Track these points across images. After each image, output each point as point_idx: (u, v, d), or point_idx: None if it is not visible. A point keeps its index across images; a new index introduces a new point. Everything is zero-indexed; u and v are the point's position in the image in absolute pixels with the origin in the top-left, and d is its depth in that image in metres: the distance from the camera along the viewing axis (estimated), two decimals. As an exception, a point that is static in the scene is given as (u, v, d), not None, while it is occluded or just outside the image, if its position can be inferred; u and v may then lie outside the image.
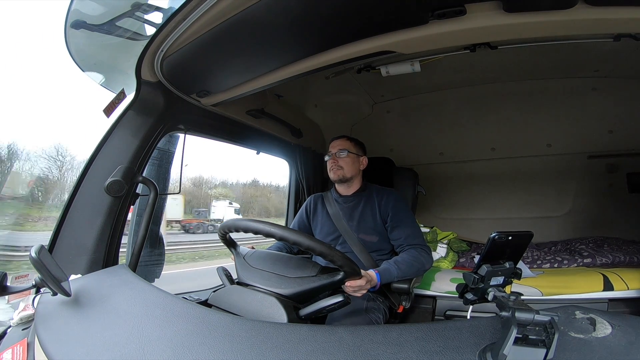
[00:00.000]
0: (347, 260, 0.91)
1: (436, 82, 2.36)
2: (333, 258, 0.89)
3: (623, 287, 1.54)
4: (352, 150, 1.55)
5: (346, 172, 1.52)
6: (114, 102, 1.18)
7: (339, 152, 1.54)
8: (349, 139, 1.59)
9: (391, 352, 0.54)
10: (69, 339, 0.69)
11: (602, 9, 0.80)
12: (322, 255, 0.88)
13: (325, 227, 1.58)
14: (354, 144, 1.58)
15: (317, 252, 0.88)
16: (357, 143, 1.59)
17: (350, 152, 1.54)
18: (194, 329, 0.66)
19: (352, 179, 1.56)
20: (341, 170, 1.52)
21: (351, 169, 1.53)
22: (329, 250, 0.89)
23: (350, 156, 1.54)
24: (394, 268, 1.25)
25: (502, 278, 0.66)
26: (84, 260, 1.09)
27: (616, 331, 0.53)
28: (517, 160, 2.55)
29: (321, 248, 0.88)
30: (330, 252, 0.89)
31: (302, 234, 0.92)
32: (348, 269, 0.92)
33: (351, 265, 0.92)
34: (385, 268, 1.25)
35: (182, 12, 0.89)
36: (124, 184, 1.16)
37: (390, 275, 1.24)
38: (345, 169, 1.52)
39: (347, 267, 0.91)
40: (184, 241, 10.26)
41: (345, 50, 1.03)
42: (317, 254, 0.89)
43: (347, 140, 1.57)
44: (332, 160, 1.54)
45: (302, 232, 0.97)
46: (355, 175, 1.56)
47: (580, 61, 2.03)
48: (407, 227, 1.43)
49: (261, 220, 0.96)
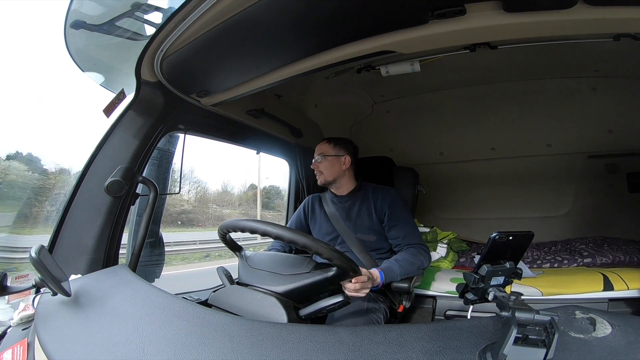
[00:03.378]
0: (335, 253, 0.89)
1: (436, 82, 2.36)
2: (318, 251, 0.87)
3: (623, 287, 1.54)
4: (330, 153, 1.54)
5: (327, 175, 1.53)
6: (114, 102, 1.18)
7: (317, 157, 1.55)
8: (329, 141, 1.58)
9: (391, 352, 0.54)
10: (69, 339, 0.69)
11: (602, 9, 0.80)
12: (318, 253, 0.87)
13: (323, 227, 1.57)
14: (332, 145, 1.56)
15: (312, 250, 0.87)
16: (337, 143, 1.57)
17: (328, 155, 1.54)
18: (194, 329, 0.66)
19: (336, 181, 1.55)
20: (321, 175, 1.54)
21: (331, 172, 1.53)
22: (323, 247, 0.87)
23: (328, 159, 1.53)
24: (396, 267, 1.25)
25: (502, 278, 0.66)
26: (84, 260, 1.09)
27: (616, 331, 0.53)
28: (517, 160, 2.55)
29: (314, 245, 0.87)
30: (325, 249, 0.87)
31: (296, 232, 0.91)
32: (338, 262, 0.89)
33: (340, 257, 0.89)
34: (388, 267, 1.24)
35: (182, 12, 0.89)
36: (124, 184, 1.16)
37: (393, 273, 1.23)
38: (325, 173, 1.53)
39: (336, 260, 0.88)
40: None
41: (345, 50, 1.03)
42: (314, 252, 0.88)
43: (325, 144, 1.57)
44: (314, 166, 1.57)
45: (296, 230, 0.96)
46: (338, 177, 1.55)
47: (580, 61, 2.03)
48: (404, 226, 1.43)
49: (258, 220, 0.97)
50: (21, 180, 1.87)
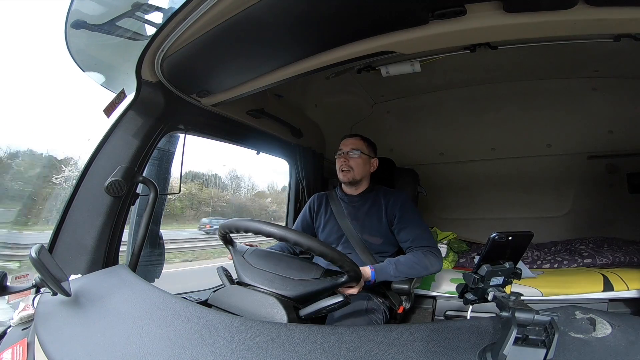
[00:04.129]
0: (350, 263, 0.91)
1: (436, 82, 2.36)
2: (334, 258, 0.89)
3: (623, 287, 1.54)
4: (365, 151, 1.49)
5: (356, 174, 1.47)
6: (114, 102, 1.18)
7: (351, 151, 1.48)
8: (363, 138, 1.53)
9: (391, 352, 0.54)
10: (69, 339, 0.69)
11: (602, 9, 0.80)
12: (323, 256, 0.88)
13: (328, 226, 1.55)
14: (367, 144, 1.52)
15: (317, 252, 0.88)
16: (370, 144, 1.55)
17: (363, 152, 1.48)
18: (194, 329, 0.66)
19: (361, 181, 1.52)
20: (351, 172, 1.47)
21: (361, 171, 1.48)
22: (330, 251, 0.88)
23: (363, 157, 1.48)
24: (391, 267, 1.24)
25: (502, 278, 0.65)
26: (84, 260, 1.09)
27: (616, 331, 0.53)
28: (517, 161, 2.55)
29: (322, 249, 0.88)
30: (332, 253, 0.88)
31: (301, 234, 0.91)
32: (351, 272, 0.91)
33: (353, 267, 0.92)
34: (381, 266, 1.24)
35: (182, 12, 0.89)
36: (124, 184, 1.16)
37: (385, 273, 1.23)
38: (355, 171, 1.47)
39: (350, 271, 0.91)
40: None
41: (345, 50, 1.03)
42: (318, 254, 0.88)
43: (360, 140, 1.52)
44: (343, 159, 1.48)
45: (301, 232, 0.96)
46: (364, 177, 1.52)
47: (580, 61, 2.03)
48: (415, 229, 1.39)
49: (262, 220, 0.96)
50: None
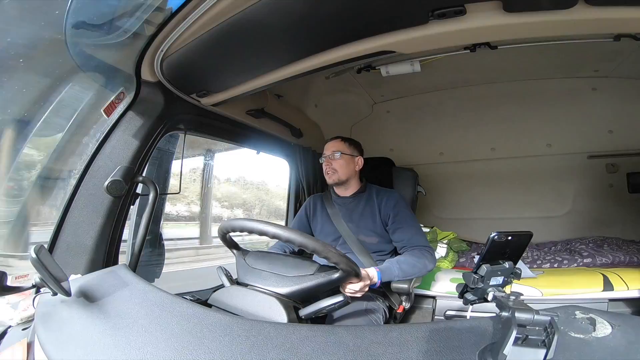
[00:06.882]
0: (342, 257, 0.91)
1: (436, 82, 2.36)
2: (327, 255, 0.89)
3: (623, 287, 1.54)
4: (346, 152, 1.53)
5: (341, 174, 1.51)
6: (114, 102, 1.18)
7: (332, 154, 1.52)
8: (343, 139, 1.57)
9: (391, 352, 0.54)
10: (69, 339, 0.69)
11: (602, 9, 0.80)
12: (316, 253, 0.88)
13: (325, 227, 1.57)
14: (347, 144, 1.55)
15: (310, 249, 0.88)
16: (351, 143, 1.57)
17: (344, 153, 1.52)
18: (194, 329, 0.66)
19: (347, 181, 1.54)
20: (335, 173, 1.51)
21: (346, 171, 1.51)
22: (322, 247, 0.88)
23: (344, 157, 1.51)
24: (395, 267, 1.25)
25: (501, 278, 0.65)
26: (84, 260, 1.09)
27: (616, 331, 0.53)
28: (517, 160, 2.55)
29: (314, 245, 0.88)
30: (324, 249, 0.88)
31: (295, 231, 0.91)
32: (344, 266, 0.91)
33: (347, 262, 0.91)
34: (387, 267, 1.25)
35: (182, 12, 0.89)
36: (124, 184, 1.15)
37: (391, 274, 1.24)
38: (339, 172, 1.50)
39: (343, 265, 0.91)
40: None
41: (345, 50, 1.03)
42: (311, 251, 0.88)
43: (340, 142, 1.55)
44: (326, 163, 1.53)
45: (295, 229, 0.97)
46: (351, 177, 1.54)
47: (580, 61, 2.03)
48: (409, 229, 1.42)
49: (257, 220, 0.97)
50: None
